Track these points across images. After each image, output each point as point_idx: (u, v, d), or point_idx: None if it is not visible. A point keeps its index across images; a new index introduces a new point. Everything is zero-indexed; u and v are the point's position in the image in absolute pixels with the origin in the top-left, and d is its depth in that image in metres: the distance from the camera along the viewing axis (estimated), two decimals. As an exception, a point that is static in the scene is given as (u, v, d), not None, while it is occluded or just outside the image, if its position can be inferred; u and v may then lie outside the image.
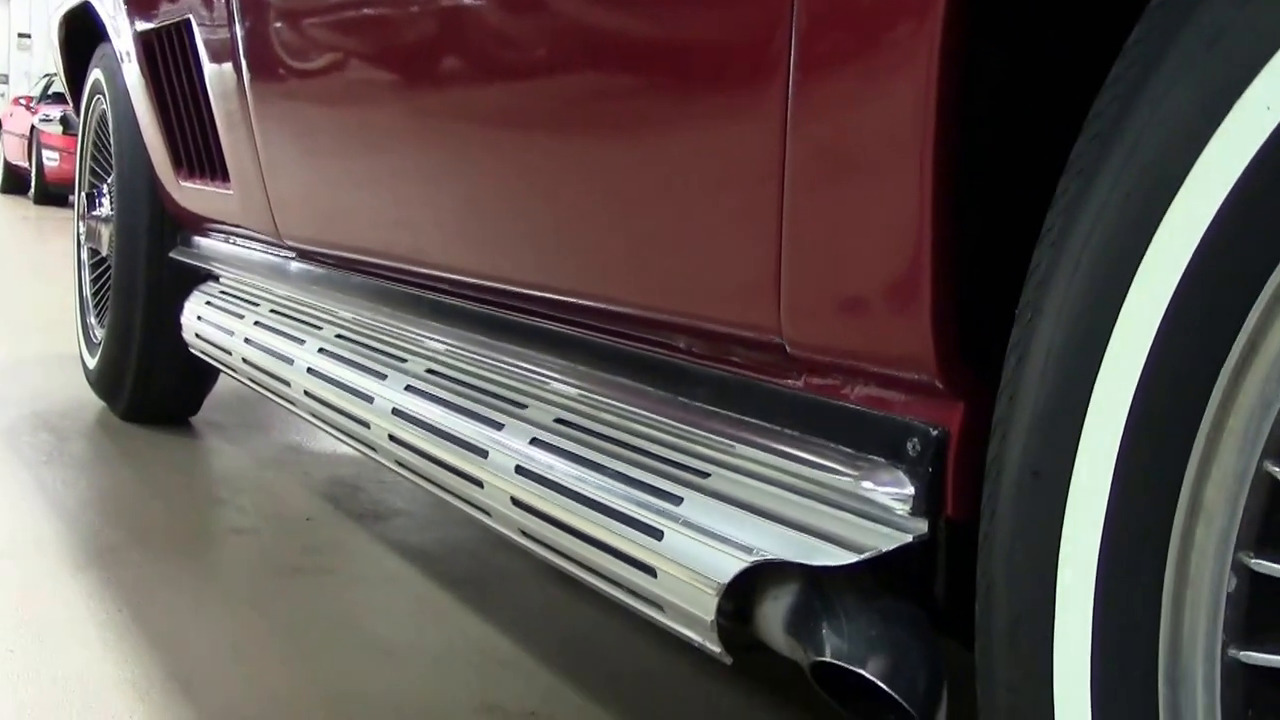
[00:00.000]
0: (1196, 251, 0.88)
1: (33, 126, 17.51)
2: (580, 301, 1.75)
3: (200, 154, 3.25)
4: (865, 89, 1.19)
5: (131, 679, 2.09)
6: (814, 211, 1.28)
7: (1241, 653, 0.88)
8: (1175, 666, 0.90)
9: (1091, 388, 0.94)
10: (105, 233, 3.97)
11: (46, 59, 22.38)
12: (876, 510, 1.24)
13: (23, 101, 19.17)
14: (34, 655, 2.16)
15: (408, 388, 2.10)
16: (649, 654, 2.41)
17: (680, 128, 1.47)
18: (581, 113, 1.67)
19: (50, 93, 18.28)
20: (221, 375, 3.77)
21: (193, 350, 3.39)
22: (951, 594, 1.25)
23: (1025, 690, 0.99)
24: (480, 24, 1.87)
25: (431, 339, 2.21)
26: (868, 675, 1.20)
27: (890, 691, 1.18)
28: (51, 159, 16.74)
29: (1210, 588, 0.89)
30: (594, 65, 1.63)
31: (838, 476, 1.29)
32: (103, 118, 4.12)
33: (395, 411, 2.09)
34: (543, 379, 1.85)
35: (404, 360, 2.20)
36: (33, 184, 17.48)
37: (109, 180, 3.99)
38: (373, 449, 2.23)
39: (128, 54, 3.62)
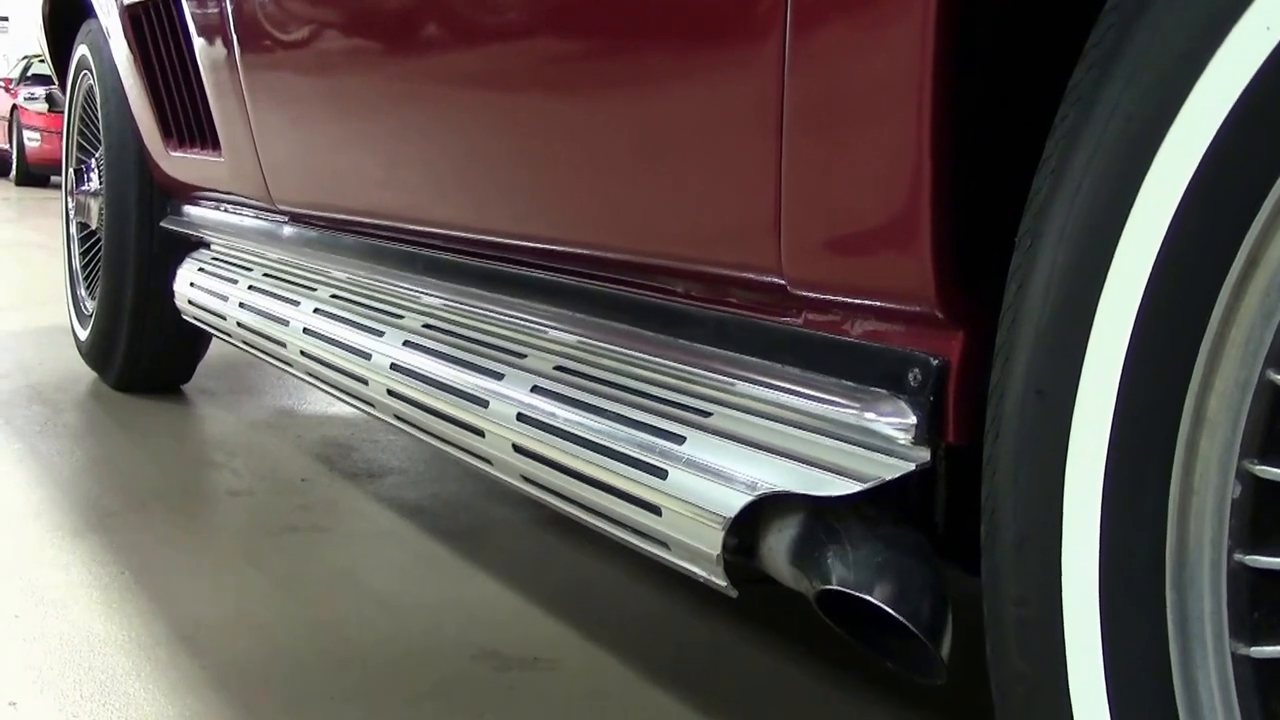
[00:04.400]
0: (1197, 171, 0.89)
1: (13, 108, 17.46)
2: (578, 250, 1.76)
3: (190, 123, 3.25)
4: (863, 22, 1.20)
5: (136, 638, 2.11)
6: (813, 149, 1.29)
7: (1247, 557, 0.90)
8: (1182, 573, 0.92)
9: (1095, 307, 0.96)
10: (94, 206, 3.98)
11: (25, 41, 22.29)
12: (879, 440, 1.25)
13: (1, 84, 19.10)
14: (39, 619, 2.18)
15: (405, 343, 2.11)
16: (647, 596, 2.43)
17: (676, 70, 1.48)
18: (574, 60, 1.68)
19: (29, 74, 18.22)
20: (213, 342, 3.80)
21: (186, 317, 3.40)
22: (951, 518, 1.27)
23: (1034, 604, 1.01)
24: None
25: (427, 294, 2.22)
26: (874, 601, 1.22)
27: (896, 615, 1.20)
28: (32, 139, 16.71)
29: (1215, 496, 0.91)
30: (586, 11, 1.63)
31: (840, 409, 1.30)
32: (89, 93, 4.13)
33: (394, 367, 2.10)
34: (541, 328, 1.86)
35: (400, 317, 2.21)
36: (14, 165, 17.43)
37: (97, 155, 3.99)
38: (371, 405, 2.25)
39: (114, 28, 3.62)
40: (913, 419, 1.23)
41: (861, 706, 1.98)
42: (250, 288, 2.88)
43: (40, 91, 16.81)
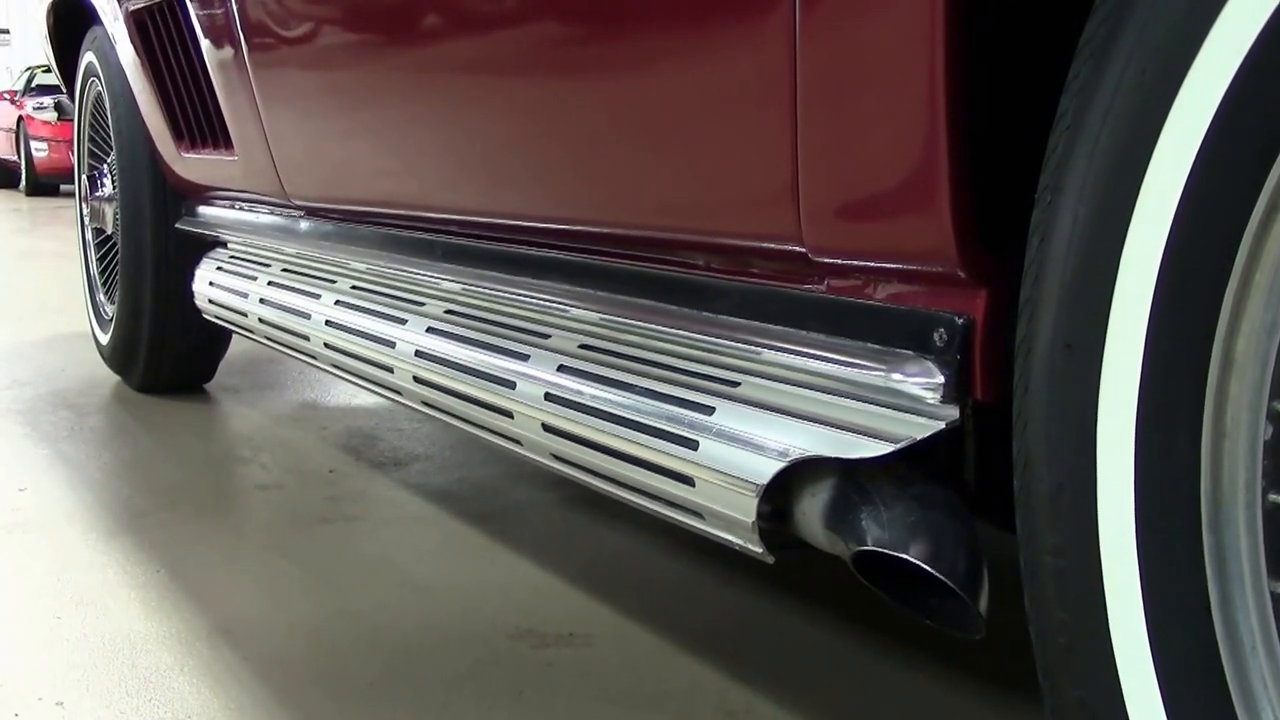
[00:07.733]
0: (1214, 120, 0.90)
1: (19, 119, 17.46)
2: (598, 229, 1.77)
3: (201, 124, 3.26)
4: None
5: (176, 634, 2.12)
6: (828, 116, 1.30)
7: (1281, 496, 0.92)
8: (1217, 515, 0.93)
9: (1119, 259, 0.97)
10: (109, 211, 4.00)
11: (27, 53, 22.29)
12: (907, 401, 1.26)
13: (6, 96, 19.10)
14: (79, 620, 2.19)
15: (429, 330, 2.12)
16: (677, 567, 2.45)
17: (688, 43, 1.49)
18: (586, 38, 1.69)
19: (33, 85, 18.22)
20: (234, 340, 3.81)
21: (207, 316, 3.41)
22: (982, 475, 1.28)
23: (1072, 553, 1.02)
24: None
25: (447, 280, 2.23)
26: (910, 559, 1.23)
27: (934, 572, 1.21)
28: (40, 150, 16.70)
29: (1247, 438, 0.92)
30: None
31: (867, 372, 1.31)
32: (98, 99, 4.14)
33: (419, 354, 2.11)
34: (563, 308, 1.87)
35: (422, 304, 2.22)
36: (23, 176, 17.45)
37: (109, 160, 4.01)
38: (398, 393, 2.26)
39: (120, 34, 3.63)
40: (940, 378, 1.24)
41: (897, 665, 1.99)
42: (270, 283, 2.90)
43: (49, 101, 16.81)
